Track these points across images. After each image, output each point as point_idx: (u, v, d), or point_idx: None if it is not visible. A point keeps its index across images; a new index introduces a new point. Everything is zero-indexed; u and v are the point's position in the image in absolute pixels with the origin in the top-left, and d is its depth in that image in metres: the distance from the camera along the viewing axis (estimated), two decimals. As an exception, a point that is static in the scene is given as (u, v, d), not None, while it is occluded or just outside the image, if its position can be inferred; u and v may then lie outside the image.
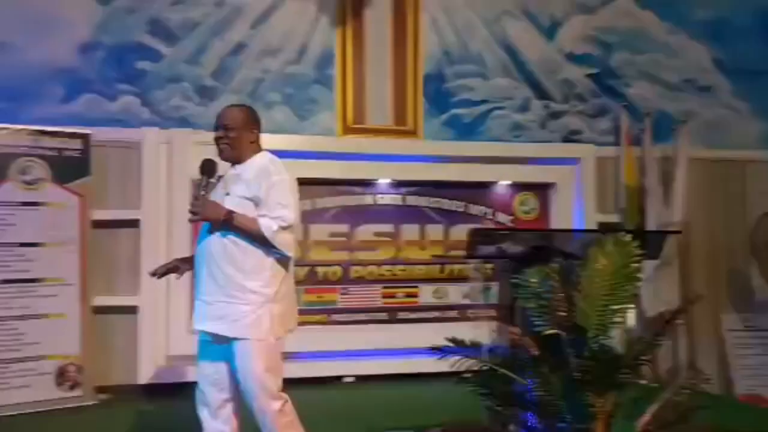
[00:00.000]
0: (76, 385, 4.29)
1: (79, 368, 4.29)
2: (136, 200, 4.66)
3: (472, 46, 5.49)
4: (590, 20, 5.70)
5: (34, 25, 4.65)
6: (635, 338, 2.41)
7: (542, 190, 5.44)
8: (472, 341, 2.47)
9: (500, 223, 5.32)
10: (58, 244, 4.30)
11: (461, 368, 2.43)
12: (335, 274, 5.10)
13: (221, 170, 2.80)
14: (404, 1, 5.33)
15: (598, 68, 5.69)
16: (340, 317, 5.07)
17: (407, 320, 5.16)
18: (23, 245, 4.21)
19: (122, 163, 4.72)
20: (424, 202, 5.26)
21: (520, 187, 5.41)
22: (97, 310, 4.48)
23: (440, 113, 5.41)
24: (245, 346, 2.59)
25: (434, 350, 2.45)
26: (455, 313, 5.23)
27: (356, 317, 5.08)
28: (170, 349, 4.52)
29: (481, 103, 5.48)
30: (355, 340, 4.89)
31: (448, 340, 2.48)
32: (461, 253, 4.53)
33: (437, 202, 5.28)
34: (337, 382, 4.84)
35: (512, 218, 5.38)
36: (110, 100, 4.81)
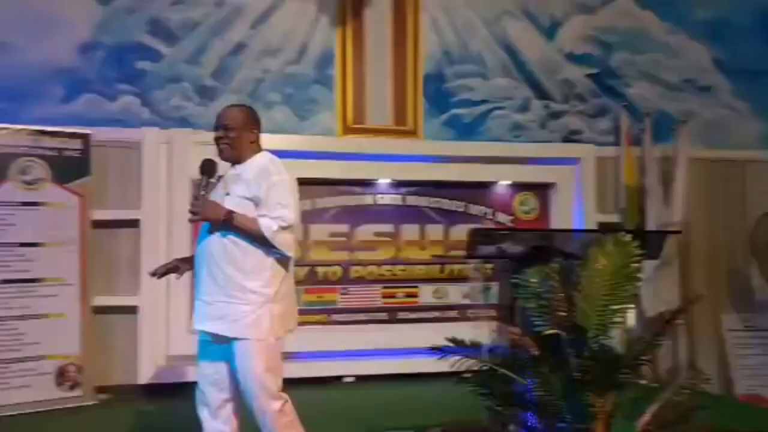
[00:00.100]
0: (76, 385, 4.29)
1: (79, 368, 4.29)
2: (136, 200, 4.66)
3: (472, 46, 5.49)
4: (590, 20, 5.70)
5: (34, 25, 4.66)
6: (635, 338, 2.41)
7: (542, 190, 5.44)
8: (472, 341, 2.47)
9: (500, 223, 5.32)
10: (58, 244, 4.30)
11: (461, 368, 2.43)
12: (335, 274, 5.10)
13: (221, 170, 2.80)
14: (404, 1, 5.33)
15: (598, 68, 5.69)
16: (340, 317, 5.07)
17: (407, 320, 5.16)
18: (23, 245, 4.21)
19: (122, 163, 4.72)
20: (424, 202, 5.26)
21: (520, 187, 5.41)
22: (97, 310, 4.48)
23: (440, 113, 5.41)
24: (245, 346, 2.60)
25: (434, 350, 2.45)
26: (455, 313, 5.23)
27: (356, 317, 5.08)
28: (170, 349, 4.52)
29: (481, 103, 5.48)
30: (355, 340, 4.90)
31: (448, 340, 2.48)
32: (461, 253, 4.53)
33: (437, 202, 5.28)
34: (337, 382, 4.84)
35: (512, 218, 5.38)
36: (110, 100, 4.81)
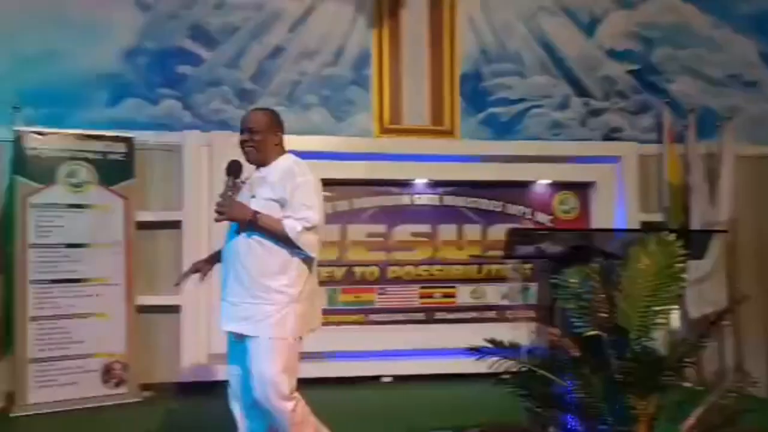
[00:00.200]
0: (121, 382, 4.40)
1: (124, 366, 4.40)
2: (178, 202, 4.75)
3: (509, 44, 5.44)
4: (631, 15, 5.59)
5: (80, 33, 4.78)
6: (679, 340, 2.36)
7: (582, 189, 5.36)
8: (510, 342, 2.46)
9: (539, 222, 5.27)
10: (103, 245, 4.42)
11: (500, 369, 2.42)
12: (372, 274, 5.11)
13: (246, 172, 2.84)
14: (441, 0, 5.32)
15: (639, 64, 5.58)
16: (377, 317, 5.08)
17: (445, 320, 5.14)
18: (70, 246, 4.34)
19: (164, 165, 4.82)
20: (461, 202, 5.24)
21: (559, 186, 5.34)
22: (140, 309, 4.58)
23: (477, 112, 5.37)
24: (265, 344, 2.62)
25: (472, 351, 2.44)
26: (493, 313, 5.19)
27: (394, 317, 5.09)
28: (211, 347, 4.58)
29: (518, 101, 5.43)
30: (392, 340, 4.90)
31: (486, 340, 2.47)
32: (499, 253, 4.47)
33: (475, 202, 5.25)
34: (374, 382, 4.84)
35: (552, 218, 5.31)
36: (153, 104, 4.92)
